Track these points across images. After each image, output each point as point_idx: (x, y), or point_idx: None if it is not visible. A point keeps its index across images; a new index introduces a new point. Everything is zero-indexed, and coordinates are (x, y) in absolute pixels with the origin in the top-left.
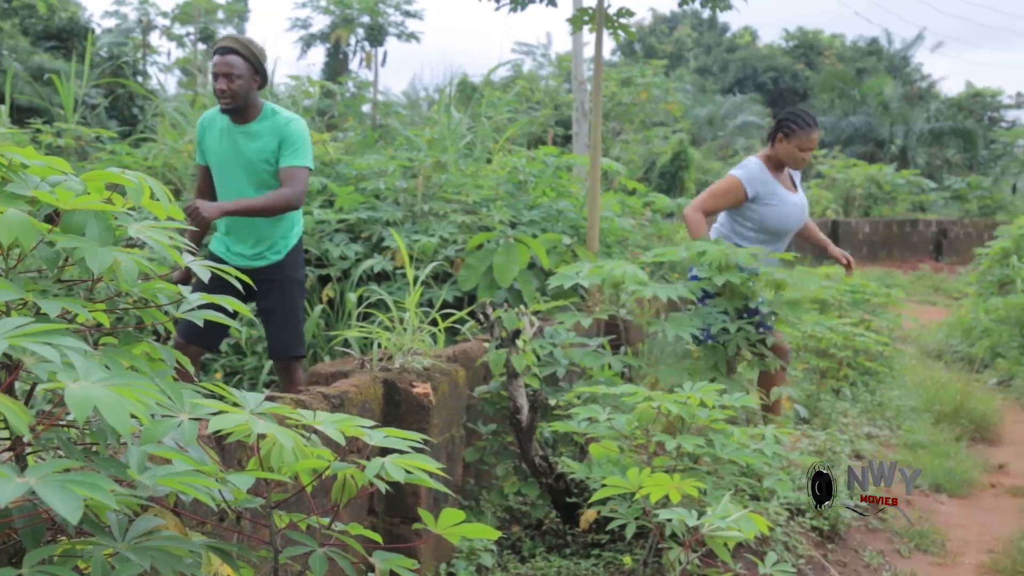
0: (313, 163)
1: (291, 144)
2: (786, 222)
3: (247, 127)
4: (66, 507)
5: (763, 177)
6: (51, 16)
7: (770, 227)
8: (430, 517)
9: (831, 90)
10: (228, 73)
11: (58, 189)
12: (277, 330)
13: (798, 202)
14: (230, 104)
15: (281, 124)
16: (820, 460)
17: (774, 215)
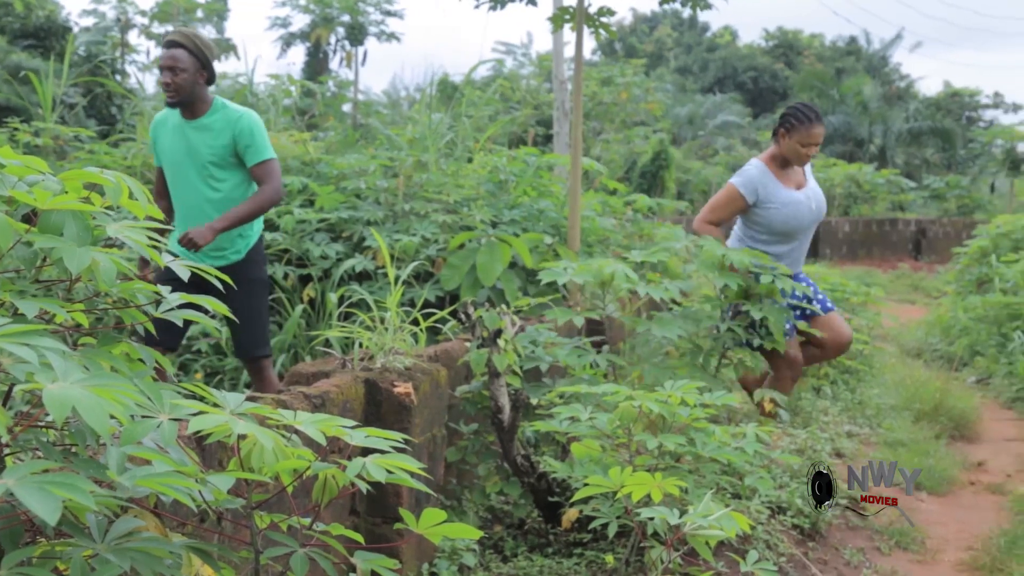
0: (272, 148)
1: (249, 140)
2: (792, 222)
3: (198, 122)
4: (44, 508)
5: (762, 180)
6: (28, 15)
7: (777, 229)
8: (411, 517)
9: (810, 90)
10: (172, 67)
11: (36, 189)
12: (240, 330)
13: (804, 199)
14: (175, 97)
15: (233, 119)
16: (800, 459)
17: (777, 218)
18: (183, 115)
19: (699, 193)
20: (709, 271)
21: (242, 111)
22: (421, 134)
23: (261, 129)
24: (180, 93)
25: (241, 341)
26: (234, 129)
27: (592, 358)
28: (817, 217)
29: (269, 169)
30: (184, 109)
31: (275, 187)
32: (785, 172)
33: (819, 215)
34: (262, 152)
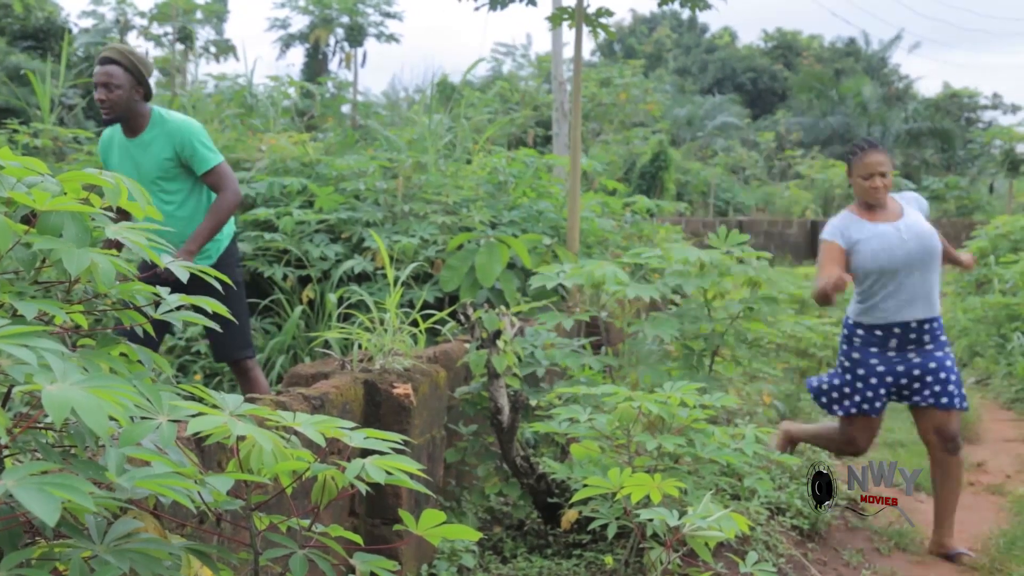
0: (217, 150)
1: (191, 151)
2: (882, 255)
3: (139, 139)
4: (43, 510)
5: (844, 223)
6: (28, 16)
7: (869, 267)
8: (411, 518)
9: (809, 91)
10: (107, 83)
11: (35, 190)
12: (215, 334)
13: (893, 231)
14: (110, 114)
15: (172, 131)
16: (799, 460)
17: (864, 254)
18: (124, 133)
19: (698, 194)
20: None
21: (178, 122)
22: (420, 135)
23: (201, 136)
24: (115, 110)
25: (222, 344)
26: (173, 142)
27: (588, 359)
28: (916, 251)
29: (219, 174)
30: (124, 127)
31: (231, 190)
32: (873, 213)
33: (919, 249)
34: (207, 160)
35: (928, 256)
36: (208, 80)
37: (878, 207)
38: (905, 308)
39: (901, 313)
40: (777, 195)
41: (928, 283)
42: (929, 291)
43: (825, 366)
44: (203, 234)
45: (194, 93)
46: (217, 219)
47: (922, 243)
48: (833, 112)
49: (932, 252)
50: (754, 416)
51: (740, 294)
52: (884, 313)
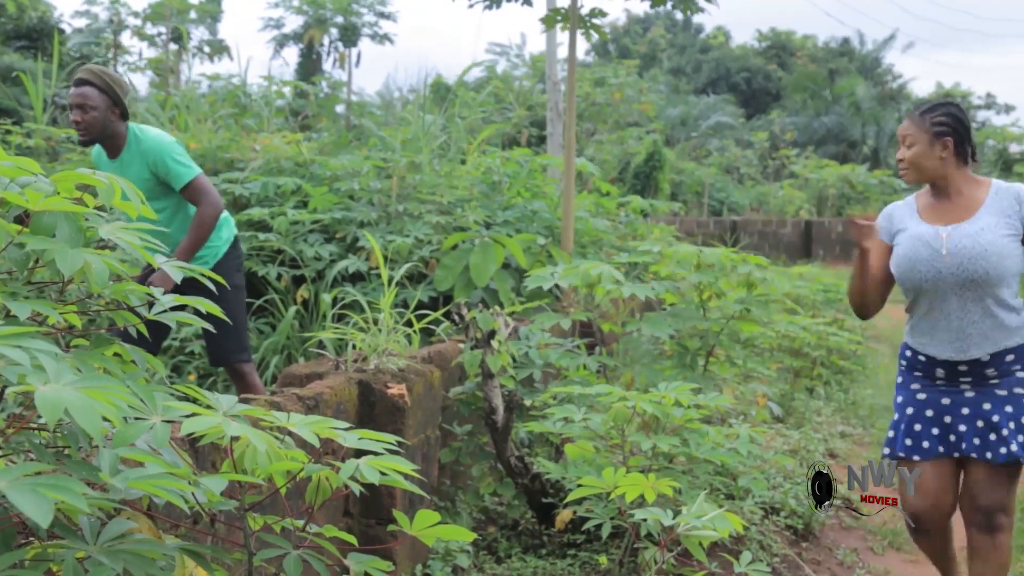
0: (193, 163)
1: (165, 169)
2: (904, 265)
3: (119, 160)
4: (36, 511)
5: (898, 210)
6: (20, 15)
7: (899, 281)
8: (405, 519)
9: (803, 91)
10: (82, 104)
11: (28, 190)
12: (212, 337)
13: (932, 235)
14: (85, 136)
15: (145, 150)
16: (794, 459)
17: (894, 257)
18: (107, 154)
19: (692, 194)
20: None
21: (151, 140)
22: (414, 135)
23: (173, 151)
24: (91, 131)
25: (218, 347)
26: (147, 161)
27: (584, 359)
28: (951, 272)
29: (196, 188)
30: (104, 147)
31: (210, 203)
32: (941, 203)
33: (956, 270)
34: (182, 175)
35: (970, 281)
36: (202, 80)
37: (943, 195)
38: (944, 343)
39: (940, 348)
40: (771, 195)
41: (976, 315)
42: (983, 325)
43: (820, 366)
44: (187, 250)
45: (188, 93)
46: (199, 233)
47: (964, 262)
48: (827, 112)
49: (978, 276)
50: (748, 416)
51: (735, 296)
52: (922, 340)
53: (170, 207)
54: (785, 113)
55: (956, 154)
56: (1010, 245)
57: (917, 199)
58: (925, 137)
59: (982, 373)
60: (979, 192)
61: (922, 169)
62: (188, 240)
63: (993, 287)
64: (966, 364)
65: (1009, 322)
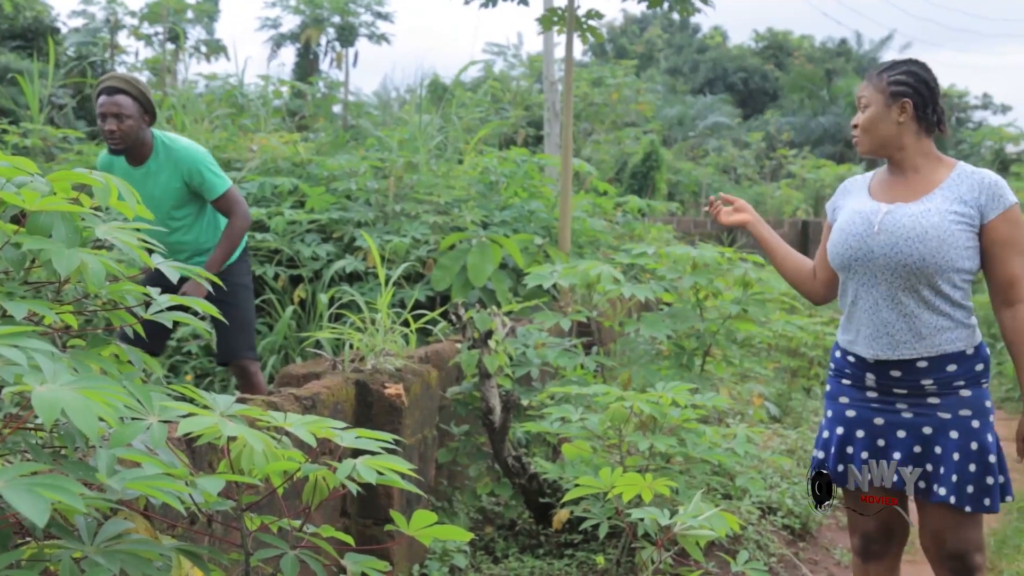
0: (224, 174)
1: (200, 179)
2: (837, 243)
3: (145, 167)
4: (33, 511)
5: (851, 185)
6: (16, 15)
7: (829, 258)
8: (402, 519)
9: (800, 91)
10: (117, 113)
11: (24, 190)
12: (223, 334)
13: (869, 210)
14: (120, 145)
15: (179, 159)
16: (791, 459)
17: (829, 237)
18: (128, 161)
19: (689, 194)
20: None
21: (183, 149)
22: (411, 135)
23: (208, 162)
24: (126, 140)
25: (226, 344)
26: (181, 171)
27: (581, 359)
28: (884, 251)
29: (229, 199)
30: (127, 155)
31: (241, 215)
32: (895, 180)
33: (889, 250)
34: (217, 186)
35: (903, 266)
36: (199, 80)
37: (899, 170)
38: (870, 338)
39: (867, 344)
40: (768, 195)
41: (910, 306)
42: (916, 320)
43: (817, 366)
44: (218, 260)
45: (185, 93)
46: (230, 244)
47: (899, 243)
48: (824, 112)
49: (911, 261)
50: (745, 416)
51: (731, 296)
52: (849, 336)
53: (192, 213)
54: (781, 113)
55: (916, 119)
56: (958, 233)
57: (875, 175)
58: (881, 98)
59: (919, 385)
60: (938, 173)
61: (876, 135)
62: (219, 250)
63: (930, 277)
64: (898, 368)
65: (948, 321)
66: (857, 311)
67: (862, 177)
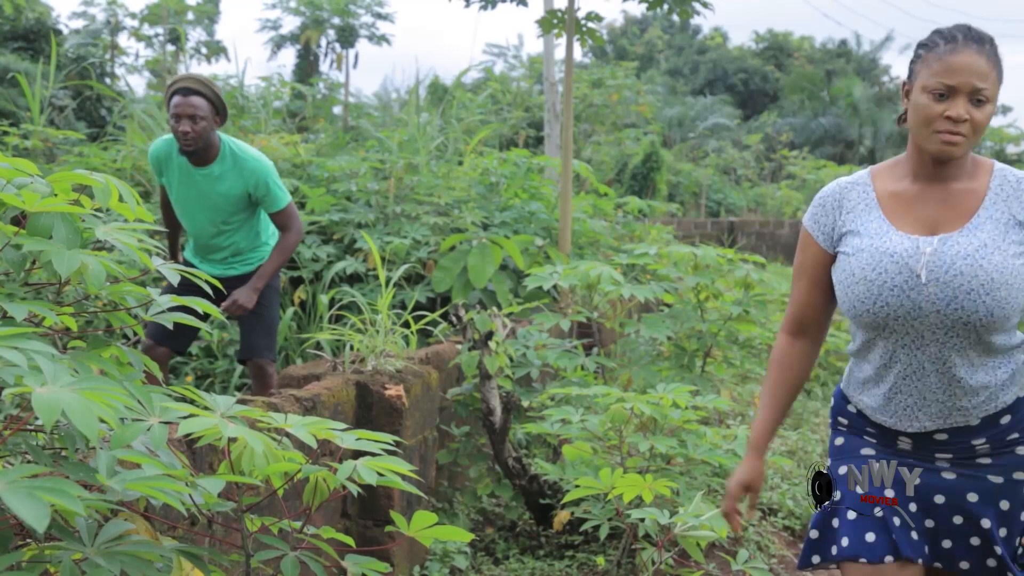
0: (286, 189)
1: (265, 191)
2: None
3: (208, 169)
4: (33, 514)
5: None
6: (18, 16)
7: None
8: (402, 520)
9: (801, 91)
10: (192, 115)
11: (24, 191)
12: (248, 331)
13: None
14: (192, 147)
15: (246, 170)
16: (791, 460)
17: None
18: (191, 161)
19: (690, 195)
20: None
21: (252, 161)
22: (411, 136)
23: (274, 177)
24: (199, 142)
25: (250, 342)
26: (247, 183)
27: (582, 360)
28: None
29: (288, 214)
30: (193, 156)
31: (296, 230)
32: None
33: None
34: (279, 200)
35: (963, 324)
36: None
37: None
38: (911, 411)
39: (904, 417)
40: (769, 196)
41: (963, 369)
42: (971, 381)
43: (817, 367)
44: (269, 271)
45: None
46: (283, 257)
47: (958, 297)
48: (824, 113)
49: (976, 318)
50: (746, 417)
51: (732, 297)
52: (873, 403)
53: (243, 219)
54: (780, 114)
55: None
56: (1021, 271)
57: (874, 178)
58: (997, 83)
59: (968, 445)
60: (977, 179)
61: (981, 134)
62: (271, 263)
63: (991, 332)
64: (944, 432)
65: (1004, 372)
66: (891, 376)
67: (856, 183)
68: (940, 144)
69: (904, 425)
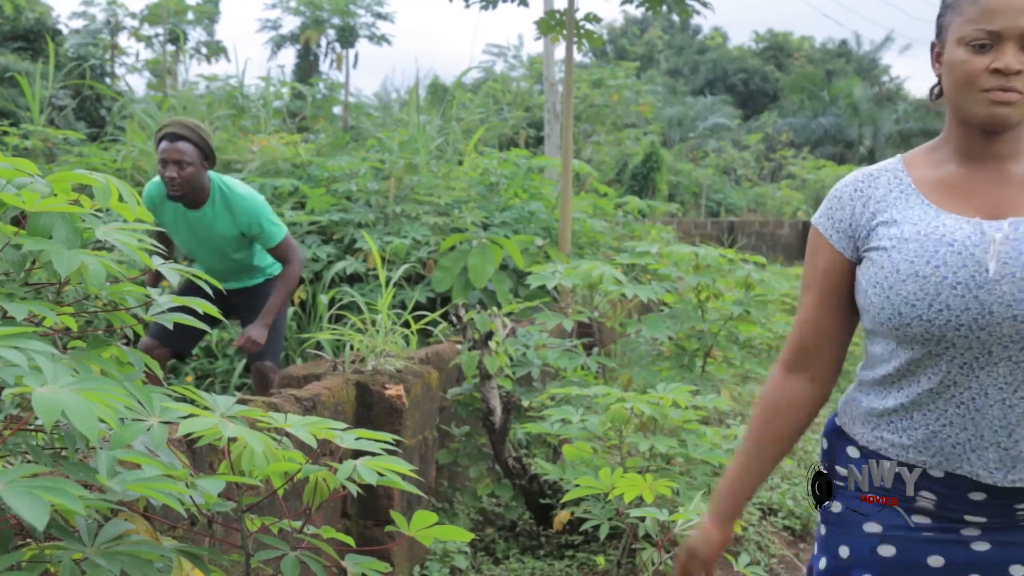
0: (279, 221)
1: (259, 229)
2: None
3: (201, 212)
4: (33, 513)
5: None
6: (18, 16)
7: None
8: (402, 519)
9: (801, 92)
10: (179, 160)
11: (24, 191)
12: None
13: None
14: (179, 192)
15: (238, 211)
16: (791, 460)
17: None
18: (185, 205)
19: (690, 195)
20: None
21: (242, 201)
22: (412, 136)
23: (266, 213)
24: (185, 187)
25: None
26: (239, 223)
27: (582, 360)
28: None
29: (285, 247)
30: (183, 200)
31: (297, 261)
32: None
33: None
34: (274, 236)
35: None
36: (199, 81)
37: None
38: (967, 450)
39: (957, 459)
40: (769, 196)
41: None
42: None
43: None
44: (276, 305)
45: (185, 94)
46: (287, 289)
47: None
48: (824, 113)
49: None
50: (746, 417)
51: (733, 297)
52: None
53: (247, 252)
54: (780, 114)
55: None
56: None
57: (908, 164)
58: None
59: (1010, 508)
60: None
61: None
62: (277, 296)
63: None
64: (984, 491)
65: None
66: (939, 405)
67: (885, 171)
68: (990, 106)
69: (948, 465)
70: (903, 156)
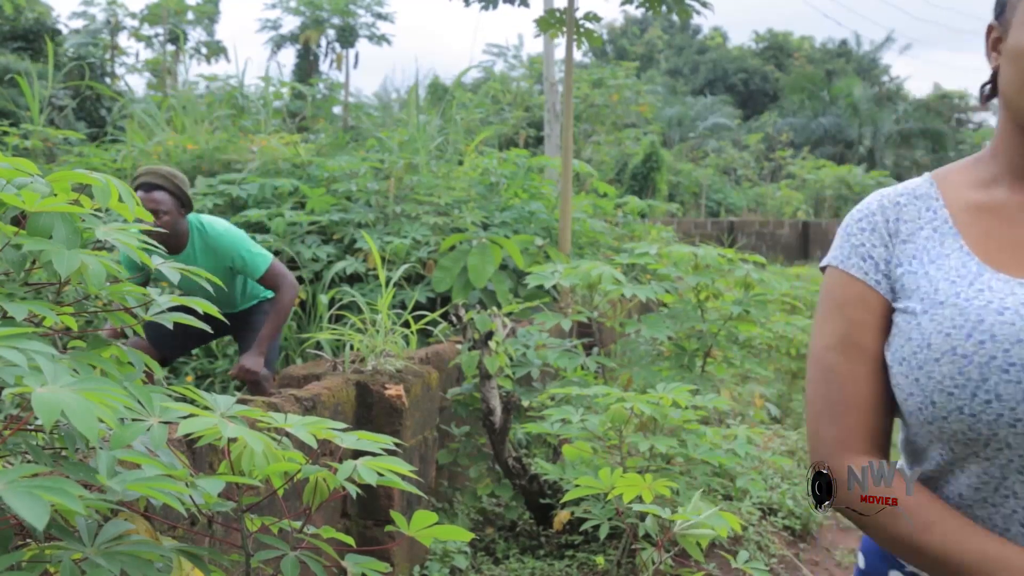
0: (262, 250)
1: (241, 263)
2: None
3: (183, 256)
4: (32, 513)
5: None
6: (17, 16)
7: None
8: (402, 519)
9: (801, 92)
10: (155, 210)
11: (24, 191)
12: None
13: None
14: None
15: (217, 248)
16: (792, 460)
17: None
18: (167, 251)
19: (690, 195)
20: None
21: (220, 238)
22: (411, 136)
23: (247, 245)
24: (163, 236)
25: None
26: (222, 260)
27: (582, 360)
28: None
29: (274, 274)
30: (166, 245)
31: (288, 286)
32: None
33: None
34: (259, 266)
35: None
36: (199, 81)
37: None
38: None
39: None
40: (768, 196)
41: None
42: None
43: None
44: (268, 335)
45: (185, 94)
46: (280, 318)
47: None
48: (824, 113)
49: None
50: (746, 417)
51: (732, 296)
52: None
53: (240, 282)
54: (780, 114)
55: None
56: None
57: (942, 186)
58: None
59: None
60: None
61: None
62: (270, 326)
63: None
64: None
65: None
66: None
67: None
68: None
69: None
70: (934, 175)
